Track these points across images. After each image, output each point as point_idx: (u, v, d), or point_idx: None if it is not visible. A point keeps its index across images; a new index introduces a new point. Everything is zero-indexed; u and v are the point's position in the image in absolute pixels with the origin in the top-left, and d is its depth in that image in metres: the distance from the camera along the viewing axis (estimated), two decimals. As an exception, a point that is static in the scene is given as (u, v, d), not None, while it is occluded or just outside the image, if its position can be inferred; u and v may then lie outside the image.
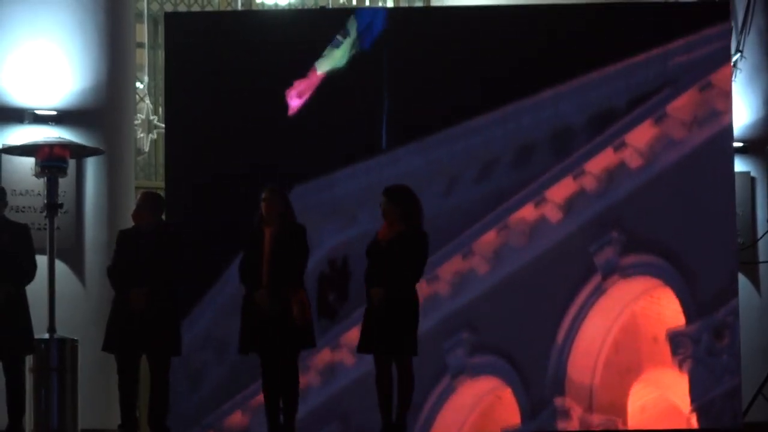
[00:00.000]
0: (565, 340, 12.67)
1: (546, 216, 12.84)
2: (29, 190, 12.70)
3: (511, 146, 12.78)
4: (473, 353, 12.61)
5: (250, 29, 14.79)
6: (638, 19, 13.21)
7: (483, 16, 14.28)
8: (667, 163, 12.74)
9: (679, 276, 12.62)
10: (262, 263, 10.88)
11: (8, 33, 13.53)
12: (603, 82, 12.75)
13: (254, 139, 12.57)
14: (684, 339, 12.55)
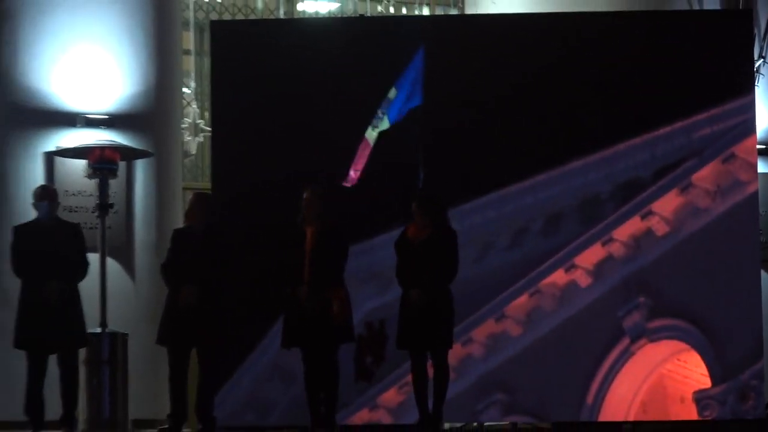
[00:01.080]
0: (594, 401, 12.63)
1: (576, 281, 12.81)
2: (81, 191, 12.97)
3: (542, 214, 12.76)
4: (507, 413, 12.57)
5: (292, 36, 14.87)
6: (664, 92, 13.04)
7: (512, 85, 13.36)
8: (693, 230, 12.65)
9: (705, 340, 12.56)
10: (303, 261, 11.09)
11: (61, 40, 13.84)
12: (629, 153, 12.70)
13: (296, 143, 12.60)
14: (710, 401, 12.54)
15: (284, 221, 11.68)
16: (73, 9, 13.70)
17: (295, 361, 11.58)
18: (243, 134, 13.03)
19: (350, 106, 12.88)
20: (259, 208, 12.51)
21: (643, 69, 13.05)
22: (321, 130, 12.64)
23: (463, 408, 12.08)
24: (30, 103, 13.64)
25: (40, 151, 13.53)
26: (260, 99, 13.03)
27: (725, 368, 12.51)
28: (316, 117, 12.72)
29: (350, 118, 12.89)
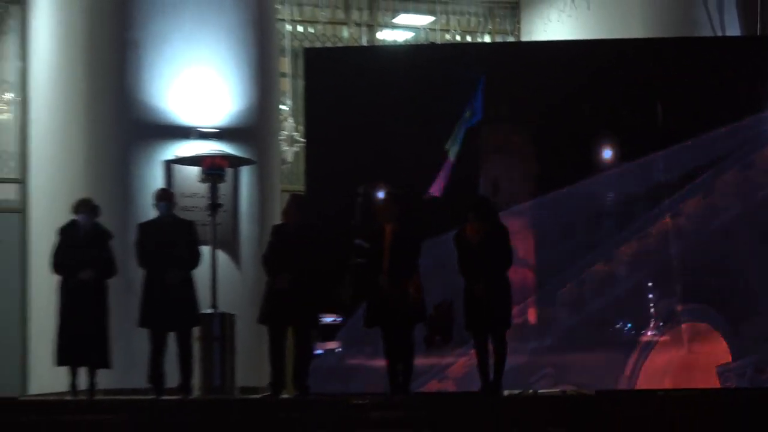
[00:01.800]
0: (632, 373, 13.37)
1: (615, 270, 13.78)
2: (195, 194, 14.04)
3: (586, 213, 13.69)
4: (556, 383, 13.36)
5: (373, 61, 15.96)
6: (691, 107, 13.81)
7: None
8: (716, 227, 13.58)
9: (725, 322, 13.45)
10: (383, 254, 11.89)
11: (178, 65, 14.72)
12: (659, 160, 13.58)
13: (378, 153, 13.45)
14: (730, 374, 13.42)
15: (368, 220, 12.81)
16: (188, 38, 14.65)
17: (376, 339, 12.42)
18: (332, 145, 13.97)
19: (425, 121, 13.73)
20: (345, 208, 13.38)
21: (674, 88, 13.73)
22: (400, 142, 13.56)
23: (518, 379, 12.68)
24: (151, 119, 14.64)
25: (160, 159, 14.67)
26: (347, 115, 13.89)
27: (743, 346, 13.42)
28: (396, 131, 13.62)
29: (425, 133, 13.70)
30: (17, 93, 17.58)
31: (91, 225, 12.20)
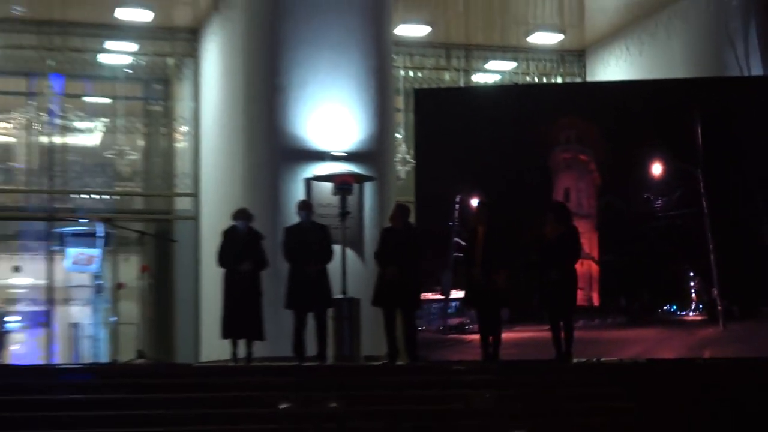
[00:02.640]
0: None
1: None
2: (329, 204, 15.19)
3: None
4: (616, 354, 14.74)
5: (469, 98, 17.33)
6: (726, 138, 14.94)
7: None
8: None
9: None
10: (476, 251, 13.18)
11: (315, 102, 16.00)
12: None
13: (472, 170, 14.78)
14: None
15: (463, 223, 14.21)
16: (323, 82, 15.96)
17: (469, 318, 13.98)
18: (436, 164, 15.26)
19: (509, 145, 14.91)
20: (446, 214, 14.78)
21: (708, 117, 14.60)
22: (489, 161, 14.84)
23: (586, 350, 13.71)
24: (294, 146, 16.08)
25: (302, 177, 16.02)
26: (447, 141, 15.27)
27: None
28: (486, 152, 14.87)
29: (510, 153, 14.90)
30: (191, 127, 19.14)
31: (247, 229, 13.63)
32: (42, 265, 18.53)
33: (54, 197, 18.33)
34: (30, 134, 18.72)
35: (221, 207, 16.46)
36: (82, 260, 18.08)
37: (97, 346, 18.70)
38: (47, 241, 18.29)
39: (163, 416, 10.28)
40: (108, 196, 18.98)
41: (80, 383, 11.45)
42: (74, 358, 18.71)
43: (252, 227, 13.77)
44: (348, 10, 15.89)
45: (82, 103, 19.11)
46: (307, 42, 15.74)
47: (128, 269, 19.13)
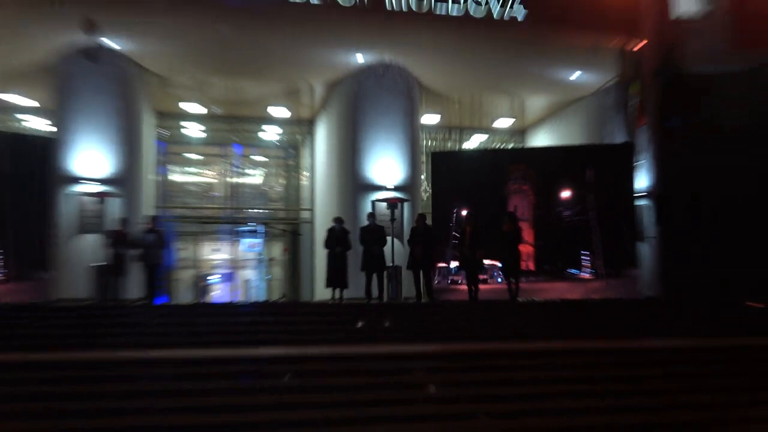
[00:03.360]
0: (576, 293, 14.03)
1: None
2: (385, 214, 14.48)
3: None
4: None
5: (463, 156, 16.96)
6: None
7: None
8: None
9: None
10: (465, 239, 12.96)
11: (377, 155, 15.53)
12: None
13: (463, 196, 14.11)
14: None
15: (458, 224, 13.73)
16: (382, 147, 15.51)
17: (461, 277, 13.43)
18: (443, 192, 14.67)
19: (484, 183, 14.39)
20: (447, 220, 14.24)
21: (599, 167, 14.25)
22: (473, 192, 14.12)
23: (523, 295, 13.17)
24: (365, 181, 15.49)
25: (370, 199, 15.32)
26: (448, 180, 14.68)
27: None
28: (471, 187, 14.21)
29: (484, 188, 14.33)
30: (309, 172, 18.64)
31: (340, 228, 13.33)
32: (229, 247, 18.59)
33: (235, 211, 18.22)
34: (223, 177, 18.61)
35: (325, 216, 16.02)
36: (251, 245, 18.37)
37: (259, 292, 18.82)
38: (232, 234, 18.20)
39: (292, 326, 10.53)
40: (264, 210, 18.83)
41: (249, 311, 11.62)
42: (246, 298, 18.53)
43: (343, 227, 13.44)
44: (396, 110, 15.51)
45: (251, 160, 18.96)
46: (372, 126, 15.44)
47: (275, 250, 19.22)
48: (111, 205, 13.42)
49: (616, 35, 15.19)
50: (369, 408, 7.12)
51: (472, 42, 14.66)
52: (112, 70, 13.76)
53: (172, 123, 17.56)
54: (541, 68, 15.54)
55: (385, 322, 10.69)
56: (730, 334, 10.42)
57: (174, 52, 14.43)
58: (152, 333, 9.70)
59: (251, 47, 14.36)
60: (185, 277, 18.45)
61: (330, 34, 14.30)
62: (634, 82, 14.96)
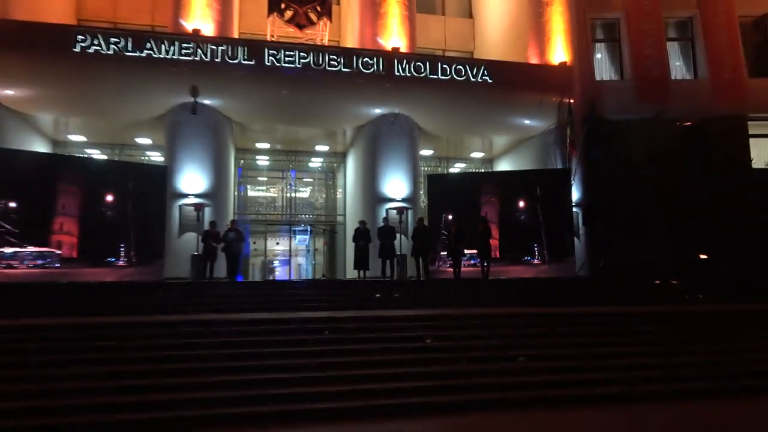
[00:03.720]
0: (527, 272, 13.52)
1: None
2: (395, 218, 13.94)
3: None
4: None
5: (451, 179, 16.44)
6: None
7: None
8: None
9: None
10: (451, 235, 12.75)
11: (388, 177, 14.74)
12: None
13: (452, 207, 13.72)
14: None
15: (447, 225, 13.27)
16: (393, 171, 14.83)
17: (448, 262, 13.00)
18: (436, 204, 14.32)
19: (467, 201, 13.91)
20: (441, 222, 13.72)
21: (544, 185, 13.85)
22: (458, 206, 13.54)
23: (494, 274, 12.82)
24: (381, 196, 14.70)
25: (385, 208, 14.52)
26: (440, 197, 14.29)
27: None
28: (457, 203, 13.74)
29: (466, 203, 13.82)
30: (342, 189, 17.98)
31: (364, 228, 13.28)
32: (287, 241, 18.03)
33: (291, 216, 17.76)
34: (282, 193, 18.13)
35: (353, 219, 15.62)
36: (302, 240, 18.28)
37: (308, 272, 18.35)
38: (289, 232, 17.83)
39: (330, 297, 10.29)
40: (311, 216, 18.12)
41: (302, 287, 11.50)
42: (298, 277, 17.96)
43: (366, 227, 13.41)
44: (402, 146, 14.94)
45: (302, 181, 18.44)
46: (386, 157, 15.01)
47: (318, 243, 18.68)
48: (205, 213, 13.49)
49: (555, 93, 15.13)
50: (384, 354, 7.22)
51: (455, 98, 14.54)
52: (207, 120, 13.84)
53: (248, 155, 17.44)
54: (503, 116, 15.32)
55: (395, 293, 10.64)
56: (639, 303, 10.40)
57: (250, 107, 14.45)
58: (234, 302, 9.84)
59: (303, 103, 14.27)
60: (256, 262, 18.30)
61: (356, 94, 14.19)
62: (569, 126, 14.81)
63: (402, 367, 6.65)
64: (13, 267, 10.68)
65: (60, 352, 6.67)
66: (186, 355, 6.75)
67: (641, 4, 15.69)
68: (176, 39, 13.19)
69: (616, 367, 7.00)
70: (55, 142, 15.88)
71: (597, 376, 6.68)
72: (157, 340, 7.17)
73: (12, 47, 12.24)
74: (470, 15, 20.20)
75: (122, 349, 6.84)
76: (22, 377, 6.04)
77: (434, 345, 7.49)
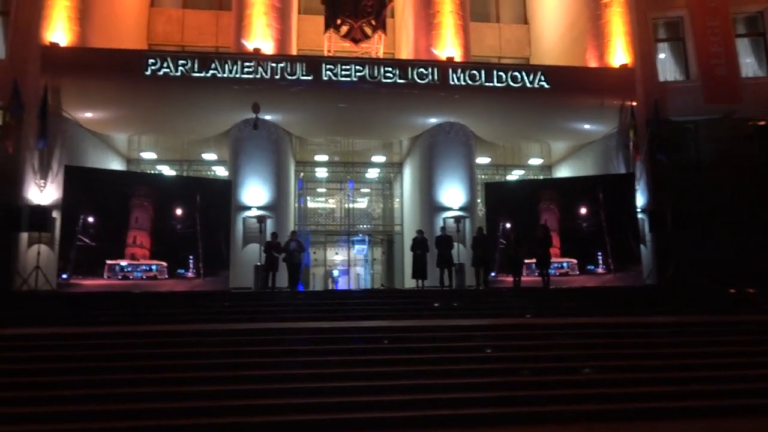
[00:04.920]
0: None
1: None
2: (452, 227, 13.78)
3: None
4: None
5: (507, 186, 15.92)
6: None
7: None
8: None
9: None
10: (509, 243, 12.63)
11: (447, 187, 14.57)
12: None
13: (507, 213, 13.49)
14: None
15: (506, 233, 13.03)
16: (450, 180, 14.61)
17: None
18: (494, 211, 13.66)
19: (523, 204, 13.53)
20: (501, 231, 13.38)
21: (607, 190, 13.37)
22: (513, 212, 13.28)
23: (554, 283, 12.52)
24: (439, 205, 14.59)
25: (442, 216, 14.37)
26: (497, 202, 13.78)
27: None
28: (506, 211, 13.44)
29: (525, 207, 13.39)
30: (399, 199, 17.90)
31: (421, 237, 13.25)
32: (346, 251, 18.16)
33: (350, 227, 17.79)
34: (340, 204, 18.16)
35: (410, 229, 15.62)
36: (360, 250, 18.48)
37: (366, 282, 18.54)
38: (348, 242, 17.92)
39: (389, 306, 10.41)
40: (369, 226, 18.12)
41: (360, 295, 11.73)
42: (357, 287, 18.21)
43: (423, 236, 13.37)
44: (458, 155, 14.81)
45: (359, 192, 18.51)
46: (442, 166, 14.90)
47: (377, 253, 18.72)
48: (267, 224, 13.67)
49: (617, 96, 14.79)
50: (443, 363, 7.14)
51: (512, 105, 14.42)
52: (268, 134, 14.13)
53: (307, 168, 17.70)
54: (561, 122, 14.96)
55: (454, 303, 10.60)
56: (713, 313, 10.00)
57: (309, 121, 14.68)
58: (295, 310, 10.07)
59: (359, 115, 14.44)
60: (317, 272, 18.52)
61: (412, 104, 14.24)
62: (631, 129, 14.32)
63: (462, 378, 6.55)
64: (128, 278, 11.59)
65: (134, 358, 6.97)
66: (252, 362, 6.95)
67: (706, 1, 15.17)
68: (238, 58, 13.81)
69: (690, 380, 6.68)
70: (128, 159, 16.78)
71: (669, 388, 6.39)
72: (223, 348, 7.37)
73: (91, 73, 13.29)
74: (525, 21, 19.96)
75: (191, 356, 7.12)
76: (96, 381, 6.29)
77: (494, 355, 7.36)
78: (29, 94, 12.69)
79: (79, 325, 8.35)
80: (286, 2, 14.95)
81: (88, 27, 13.82)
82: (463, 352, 7.44)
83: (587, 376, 6.87)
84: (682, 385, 6.44)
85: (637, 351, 7.51)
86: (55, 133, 12.76)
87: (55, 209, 12.48)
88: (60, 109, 13.08)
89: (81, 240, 11.32)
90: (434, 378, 6.65)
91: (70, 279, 11.14)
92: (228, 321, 8.94)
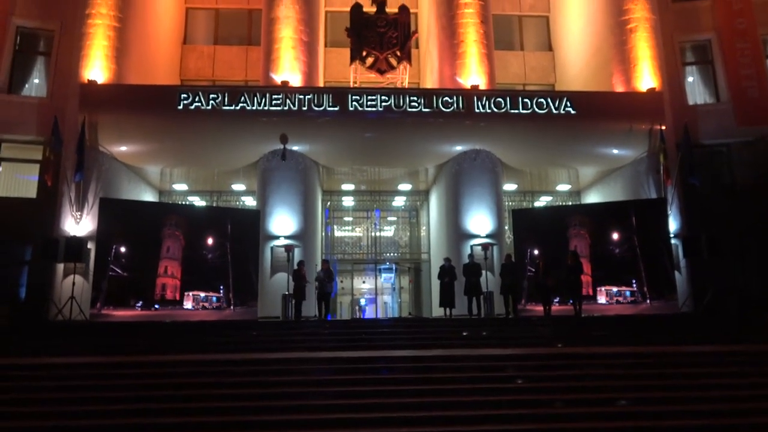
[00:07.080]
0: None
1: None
2: (479, 255, 13.68)
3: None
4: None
5: (536, 212, 15.78)
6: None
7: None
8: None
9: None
10: (539, 271, 12.37)
11: (474, 214, 14.58)
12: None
13: (536, 239, 13.28)
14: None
15: (533, 260, 12.81)
16: (476, 207, 14.55)
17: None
18: (522, 237, 13.41)
19: (551, 228, 13.25)
20: (524, 258, 13.15)
21: (638, 214, 13.03)
22: (543, 239, 13.08)
23: (587, 311, 12.19)
24: (465, 232, 14.45)
25: (469, 244, 14.23)
26: (525, 228, 13.53)
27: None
28: (542, 237, 13.16)
29: (553, 233, 13.20)
30: (426, 227, 17.76)
31: (449, 265, 13.20)
32: (373, 279, 17.99)
33: (376, 255, 17.71)
34: (367, 232, 18.21)
35: (437, 257, 15.60)
36: (387, 278, 18.41)
37: (393, 311, 18.44)
38: (374, 271, 17.70)
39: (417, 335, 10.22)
40: (396, 254, 18.11)
41: (388, 325, 11.63)
42: (385, 315, 18.20)
43: (450, 264, 13.36)
44: (485, 182, 14.78)
45: (386, 220, 18.49)
46: (469, 193, 14.84)
47: (404, 281, 18.59)
48: (294, 253, 13.77)
49: (645, 120, 14.63)
50: (472, 394, 7.00)
51: (538, 131, 14.36)
52: (296, 165, 14.31)
53: (334, 197, 17.83)
54: (589, 147, 14.85)
55: (482, 332, 10.46)
56: (749, 341, 9.69)
57: (336, 150, 14.64)
58: (323, 340, 10.06)
59: (385, 144, 14.54)
60: (344, 301, 18.50)
61: (437, 132, 14.29)
62: (662, 153, 14.11)
63: (492, 409, 6.43)
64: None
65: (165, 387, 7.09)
66: (280, 392, 6.95)
67: (734, 24, 15.07)
68: (267, 91, 14.14)
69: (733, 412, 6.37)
70: (161, 191, 17.24)
71: (712, 421, 6.15)
72: (252, 377, 7.41)
73: (126, 109, 13.78)
74: (549, 48, 20.00)
75: (217, 386, 7.12)
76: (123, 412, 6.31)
77: (525, 386, 7.23)
78: (68, 129, 13.16)
79: (111, 355, 8.52)
80: (313, 36, 15.30)
81: (124, 65, 14.32)
82: (493, 382, 7.32)
83: (623, 408, 6.60)
84: (725, 418, 6.25)
85: (677, 382, 7.32)
86: (91, 166, 13.13)
87: (90, 240, 12.69)
88: (96, 144, 13.48)
89: (113, 270, 11.50)
90: (464, 409, 6.56)
91: (102, 309, 11.30)
92: (257, 350, 9.00)
